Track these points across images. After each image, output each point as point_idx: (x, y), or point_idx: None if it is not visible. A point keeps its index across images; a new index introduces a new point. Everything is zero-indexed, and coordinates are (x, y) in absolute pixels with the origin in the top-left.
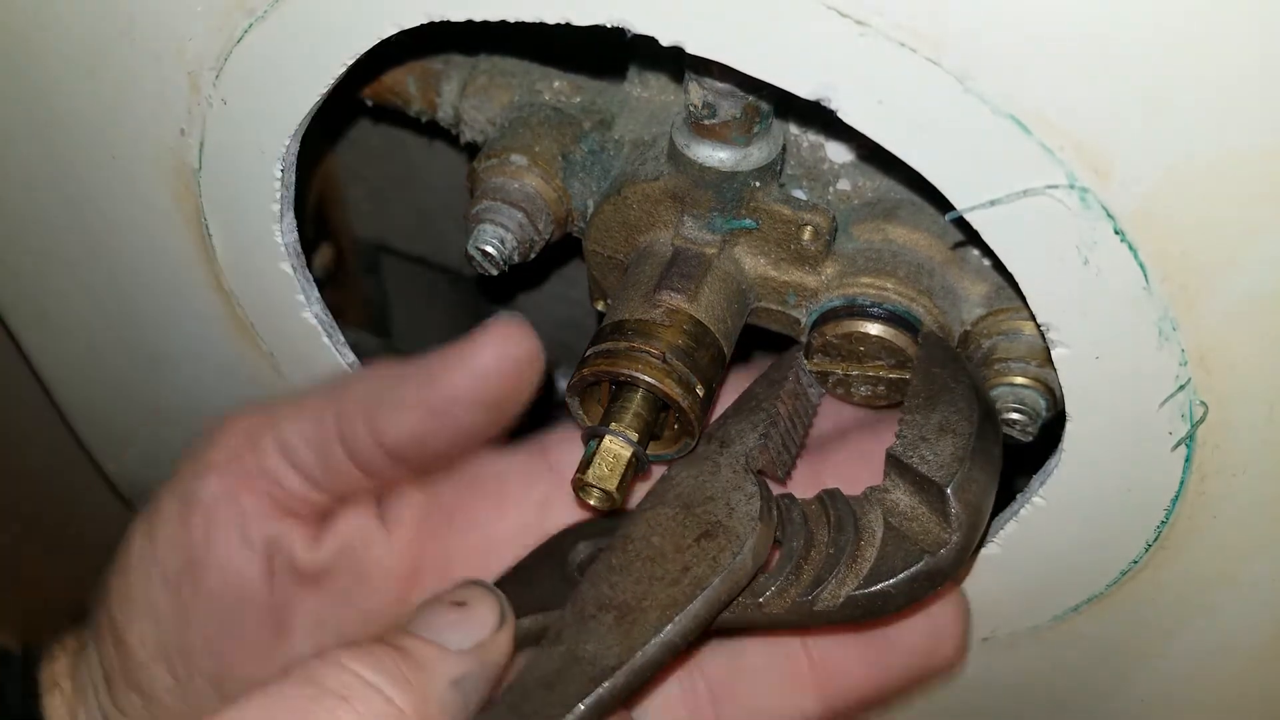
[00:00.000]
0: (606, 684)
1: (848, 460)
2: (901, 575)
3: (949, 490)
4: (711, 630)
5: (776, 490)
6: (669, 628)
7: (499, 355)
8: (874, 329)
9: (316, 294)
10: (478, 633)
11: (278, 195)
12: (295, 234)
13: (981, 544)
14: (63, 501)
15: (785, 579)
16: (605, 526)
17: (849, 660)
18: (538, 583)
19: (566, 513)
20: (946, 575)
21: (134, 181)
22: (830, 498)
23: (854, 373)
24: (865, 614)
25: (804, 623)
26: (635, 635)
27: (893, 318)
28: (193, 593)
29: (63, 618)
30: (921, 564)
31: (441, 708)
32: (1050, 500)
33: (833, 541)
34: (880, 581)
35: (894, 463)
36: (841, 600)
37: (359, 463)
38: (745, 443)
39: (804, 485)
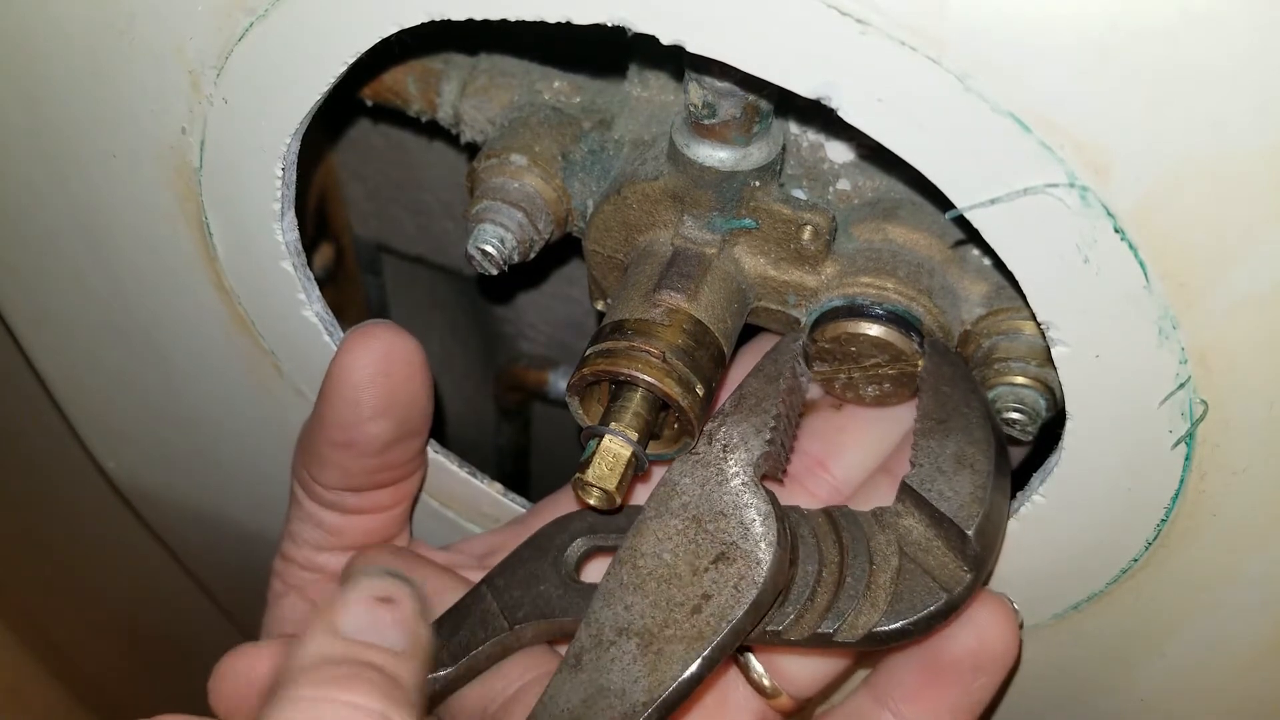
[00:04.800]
0: None
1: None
2: (922, 614)
3: (970, 534)
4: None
5: (781, 496)
6: (697, 663)
7: (361, 364)
8: (863, 328)
9: (317, 293)
10: (412, 627)
11: (278, 194)
12: (296, 233)
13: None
14: (62, 500)
15: (802, 605)
16: (595, 522)
17: (935, 709)
18: (537, 584)
19: None
20: (958, 608)
21: (135, 180)
22: (839, 514)
23: (855, 374)
24: (883, 645)
25: (818, 645)
26: (663, 669)
27: (889, 317)
28: None
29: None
30: (942, 602)
31: (420, 713)
32: (1050, 498)
33: (846, 565)
34: (900, 619)
35: (910, 493)
36: (861, 635)
37: (343, 510)
38: (750, 450)
39: (815, 492)
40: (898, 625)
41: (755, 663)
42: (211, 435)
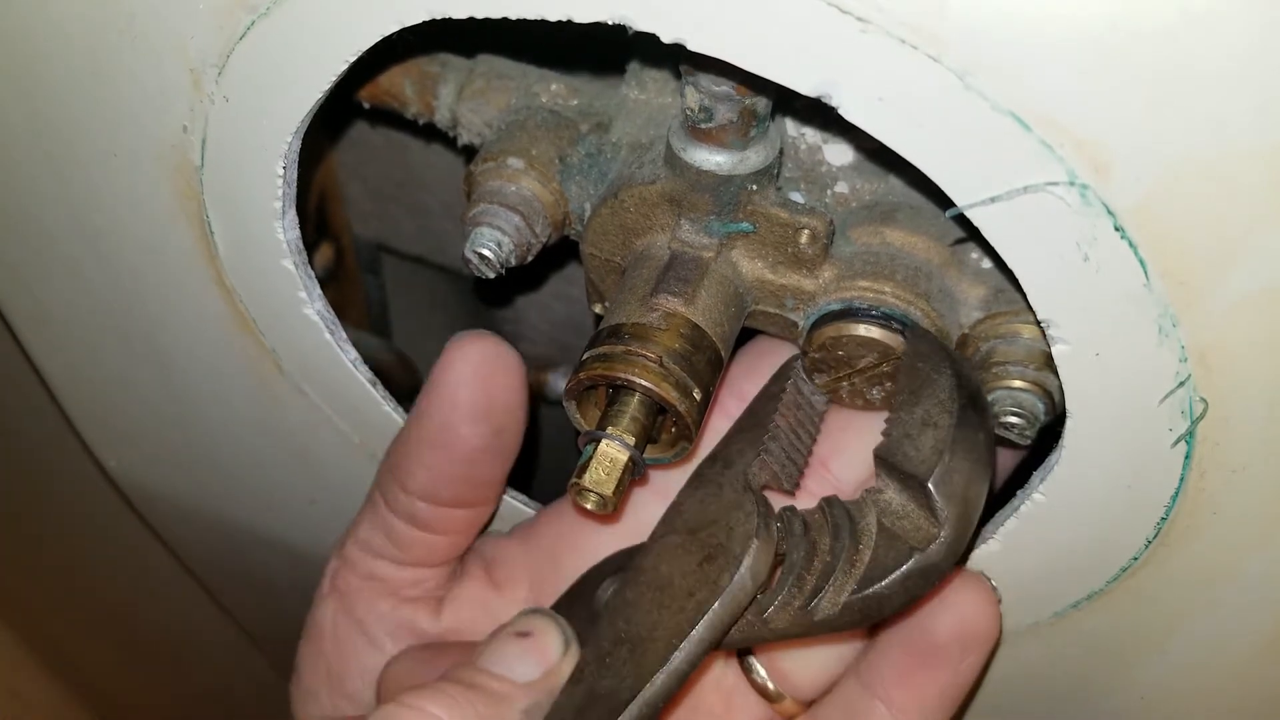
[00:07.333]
0: (620, 718)
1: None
2: (894, 575)
3: (930, 484)
4: (722, 649)
5: (782, 502)
6: (676, 656)
7: (463, 364)
8: (847, 328)
9: (318, 291)
10: (544, 661)
11: (280, 193)
12: (297, 231)
13: (977, 534)
14: (62, 500)
15: (788, 593)
16: (625, 563)
17: (923, 693)
18: (570, 623)
19: (658, 510)
20: (940, 569)
21: (136, 179)
22: (829, 504)
23: (856, 379)
24: (865, 618)
25: (809, 633)
26: (645, 666)
27: (884, 319)
28: (347, 702)
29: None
30: (912, 561)
31: None
32: (1050, 497)
33: (831, 549)
34: (874, 584)
35: (881, 462)
36: (840, 607)
37: (416, 522)
38: (744, 460)
39: (819, 494)
40: (871, 590)
41: (758, 666)
42: (212, 434)
